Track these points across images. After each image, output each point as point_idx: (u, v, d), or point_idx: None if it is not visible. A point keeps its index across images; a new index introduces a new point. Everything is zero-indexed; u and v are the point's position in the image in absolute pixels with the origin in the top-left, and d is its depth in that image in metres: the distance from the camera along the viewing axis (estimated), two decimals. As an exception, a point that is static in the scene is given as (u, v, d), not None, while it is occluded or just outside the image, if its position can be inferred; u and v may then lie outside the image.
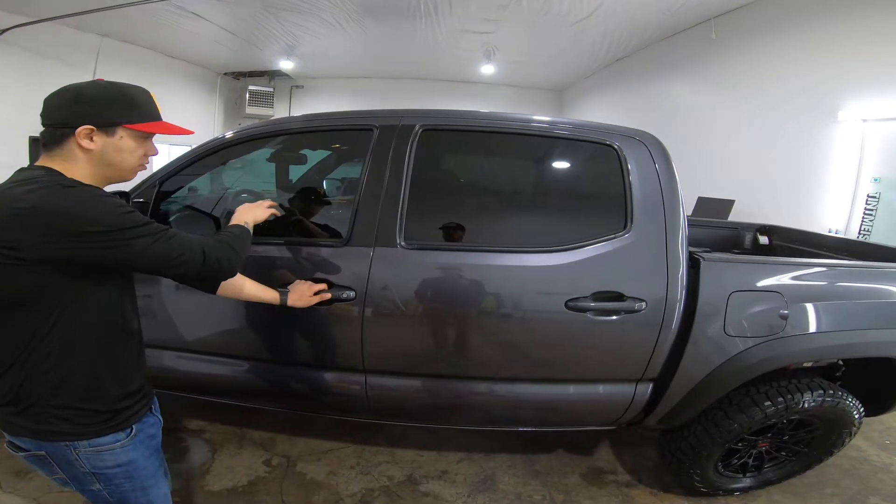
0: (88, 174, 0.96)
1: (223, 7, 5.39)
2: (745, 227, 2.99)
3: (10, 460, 1.13)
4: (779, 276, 1.71)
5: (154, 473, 1.11)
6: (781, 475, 2.04)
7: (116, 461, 1.02)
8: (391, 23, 5.92)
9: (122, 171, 1.01)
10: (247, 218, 1.32)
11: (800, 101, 4.13)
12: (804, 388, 1.75)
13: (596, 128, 1.79)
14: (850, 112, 3.68)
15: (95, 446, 0.98)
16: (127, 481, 1.04)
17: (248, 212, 1.35)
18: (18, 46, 5.23)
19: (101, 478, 1.01)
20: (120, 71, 6.53)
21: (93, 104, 0.93)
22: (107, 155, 0.96)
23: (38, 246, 0.84)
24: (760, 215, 3.75)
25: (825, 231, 3.73)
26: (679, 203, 1.68)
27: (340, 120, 1.93)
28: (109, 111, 0.95)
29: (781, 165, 4.30)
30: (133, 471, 1.05)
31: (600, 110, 7.93)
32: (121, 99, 0.97)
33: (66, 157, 0.94)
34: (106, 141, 0.95)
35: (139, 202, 1.82)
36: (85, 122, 0.92)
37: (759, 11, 4.61)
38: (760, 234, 2.93)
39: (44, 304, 0.90)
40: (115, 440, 1.01)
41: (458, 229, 1.74)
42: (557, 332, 1.65)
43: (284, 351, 1.81)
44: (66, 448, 0.97)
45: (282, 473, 2.08)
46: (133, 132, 0.98)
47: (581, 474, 2.19)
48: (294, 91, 9.58)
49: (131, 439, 1.04)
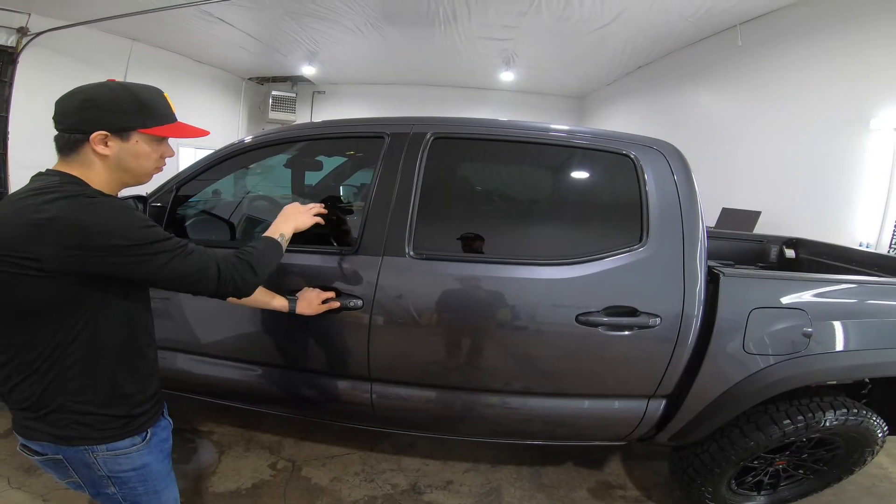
0: (105, 179, 0.96)
1: (247, 13, 5.50)
2: (771, 239, 2.89)
3: (19, 457, 1.15)
4: (802, 292, 1.65)
5: (166, 476, 1.12)
6: (798, 493, 1.96)
7: (132, 464, 1.03)
8: (411, 30, 5.95)
9: (139, 175, 1.01)
10: (286, 227, 1.28)
11: (829, 110, 3.99)
12: (827, 407, 1.67)
13: (611, 137, 1.75)
14: (883, 121, 3.53)
15: (113, 450, 1.00)
16: (141, 484, 1.06)
17: (291, 218, 1.31)
18: (53, 49, 5.39)
19: (116, 481, 1.03)
20: (149, 75, 6.73)
21: (105, 109, 0.92)
22: (123, 160, 0.96)
23: (59, 258, 0.84)
24: (787, 228, 3.63)
25: (855, 245, 3.60)
26: (698, 215, 1.63)
27: (353, 127, 1.93)
28: (123, 116, 0.93)
29: (810, 176, 4.15)
30: (147, 474, 1.06)
31: (622, 118, 7.80)
32: (134, 103, 0.95)
33: (82, 162, 0.94)
34: (121, 146, 0.94)
35: (157, 206, 1.85)
36: (98, 128, 0.91)
37: (786, 18, 4.48)
38: (787, 248, 2.82)
39: (67, 313, 0.90)
40: (131, 444, 1.02)
41: (468, 240, 1.72)
42: (567, 346, 1.61)
43: (292, 357, 1.82)
44: (85, 452, 0.98)
45: (286, 477, 2.08)
46: (148, 136, 0.97)
47: (589, 489, 2.13)
48: (316, 96, 9.70)
49: (146, 443, 1.05)
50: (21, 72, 5.20)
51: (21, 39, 5.14)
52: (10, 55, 5.13)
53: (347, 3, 5.15)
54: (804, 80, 4.26)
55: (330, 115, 9.41)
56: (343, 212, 1.78)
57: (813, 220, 3.96)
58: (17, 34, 5.11)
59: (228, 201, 2.36)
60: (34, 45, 5.23)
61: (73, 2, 4.92)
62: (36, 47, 5.26)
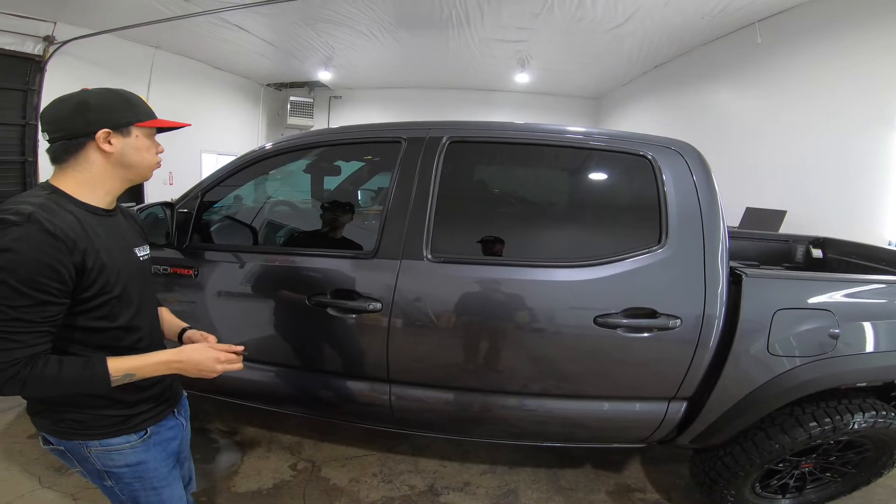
0: (107, 178, 0.98)
1: (264, 19, 5.60)
2: (797, 239, 2.82)
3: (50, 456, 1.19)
4: (828, 293, 1.62)
5: (166, 475, 1.12)
6: (825, 496, 1.91)
7: (125, 461, 1.04)
8: (424, 33, 5.99)
9: (142, 169, 1.01)
10: (152, 368, 0.97)
11: (854, 106, 3.88)
12: (855, 409, 1.63)
13: (628, 138, 1.74)
14: (910, 117, 3.43)
15: (105, 446, 1.02)
16: (137, 481, 1.07)
17: (184, 366, 1.00)
18: (80, 58, 5.56)
19: (111, 476, 1.05)
20: (174, 83, 6.92)
21: (101, 109, 0.94)
22: (126, 155, 0.97)
23: None
24: (814, 227, 3.53)
25: (885, 244, 3.49)
26: (719, 215, 1.61)
27: (370, 132, 1.96)
28: (120, 113, 0.95)
29: (836, 174, 4.05)
30: (143, 471, 1.07)
31: (640, 119, 7.71)
32: (123, 101, 0.97)
33: (80, 166, 0.95)
34: (124, 142, 0.96)
35: (183, 212, 1.90)
36: (101, 127, 0.93)
37: (805, 14, 4.38)
38: (814, 248, 2.74)
39: None
40: (125, 441, 1.04)
41: (486, 243, 1.73)
42: (585, 348, 1.61)
43: (313, 359, 1.85)
44: (80, 446, 1.01)
45: (306, 478, 2.11)
46: (145, 129, 0.99)
47: (608, 492, 2.11)
48: (332, 101, 9.82)
49: (143, 441, 1.06)
50: (49, 80, 5.38)
51: (48, 48, 5.31)
52: (38, 63, 5.31)
53: (361, 8, 5.21)
54: (827, 77, 4.15)
55: (347, 119, 9.51)
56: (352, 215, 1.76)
57: (840, 219, 3.86)
58: (44, 42, 5.28)
59: (250, 206, 2.42)
60: (61, 54, 5.40)
61: (96, 10, 5.07)
62: (63, 56, 5.43)
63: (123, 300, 0.99)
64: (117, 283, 0.96)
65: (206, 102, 7.86)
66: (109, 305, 0.96)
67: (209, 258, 1.89)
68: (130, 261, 1.03)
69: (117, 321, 0.98)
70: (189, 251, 1.90)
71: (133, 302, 1.02)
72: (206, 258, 1.88)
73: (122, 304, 0.99)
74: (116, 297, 0.97)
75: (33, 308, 0.84)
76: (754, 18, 4.81)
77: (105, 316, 0.96)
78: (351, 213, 2.18)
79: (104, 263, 0.93)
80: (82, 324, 0.94)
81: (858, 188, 3.84)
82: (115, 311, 0.97)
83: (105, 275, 0.93)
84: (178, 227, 1.88)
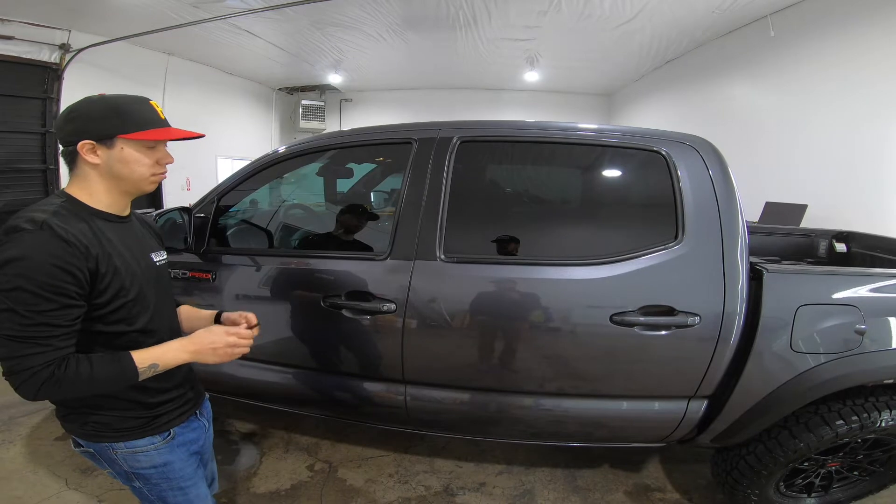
0: (104, 189, 0.97)
1: (273, 24, 5.66)
2: (820, 233, 2.75)
3: (76, 458, 1.22)
4: (853, 287, 1.56)
5: (192, 475, 1.14)
6: (852, 495, 1.86)
7: (152, 462, 1.07)
8: (432, 34, 5.99)
9: (134, 181, 0.98)
10: (176, 356, 0.98)
11: (875, 97, 3.78)
12: (883, 407, 1.59)
13: (641, 134, 1.72)
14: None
15: (131, 448, 1.04)
16: (164, 482, 1.09)
17: (197, 351, 1.00)
18: (95, 65, 5.66)
19: (138, 477, 1.08)
20: (186, 88, 7.02)
21: (82, 119, 0.93)
22: (113, 168, 0.95)
23: None
24: (837, 221, 3.44)
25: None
26: (737, 211, 1.58)
27: (381, 134, 1.96)
28: (101, 123, 0.93)
29: (858, 166, 3.94)
30: (169, 472, 1.09)
31: (653, 114, 7.61)
32: (110, 111, 0.93)
33: (80, 175, 0.96)
34: (108, 154, 0.94)
35: (200, 217, 1.93)
36: (83, 138, 0.92)
37: (818, 5, 4.28)
38: (837, 242, 2.67)
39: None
40: (149, 443, 1.06)
41: (499, 242, 1.72)
42: (601, 347, 1.59)
43: (329, 360, 1.86)
44: (108, 448, 1.04)
45: (323, 479, 2.12)
46: (132, 142, 0.95)
47: (626, 491, 2.09)
48: (343, 104, 9.89)
49: (167, 442, 1.08)
50: (67, 88, 5.48)
51: (64, 56, 5.41)
52: (55, 72, 5.40)
53: (368, 10, 5.23)
54: (845, 67, 4.05)
55: (358, 122, 9.58)
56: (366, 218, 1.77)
57: (864, 213, 3.76)
58: (60, 50, 5.38)
59: (265, 210, 2.45)
60: (77, 62, 5.50)
61: (109, 18, 5.15)
62: (79, 63, 5.53)
63: (140, 304, 1.00)
64: (132, 286, 0.98)
65: (220, 107, 7.95)
66: (126, 309, 0.98)
67: (226, 262, 1.91)
68: (146, 265, 1.04)
69: (135, 325, 1.00)
70: (207, 255, 1.92)
71: (150, 306, 1.03)
72: (223, 262, 1.91)
73: (139, 307, 1.00)
74: (132, 300, 0.98)
75: (58, 311, 0.86)
76: (766, 11, 4.72)
77: (123, 319, 0.98)
78: (365, 215, 2.19)
79: (117, 268, 0.95)
80: (101, 329, 0.96)
81: (882, 180, 3.73)
82: (132, 315, 0.99)
83: (119, 279, 0.95)
84: (196, 232, 1.91)
